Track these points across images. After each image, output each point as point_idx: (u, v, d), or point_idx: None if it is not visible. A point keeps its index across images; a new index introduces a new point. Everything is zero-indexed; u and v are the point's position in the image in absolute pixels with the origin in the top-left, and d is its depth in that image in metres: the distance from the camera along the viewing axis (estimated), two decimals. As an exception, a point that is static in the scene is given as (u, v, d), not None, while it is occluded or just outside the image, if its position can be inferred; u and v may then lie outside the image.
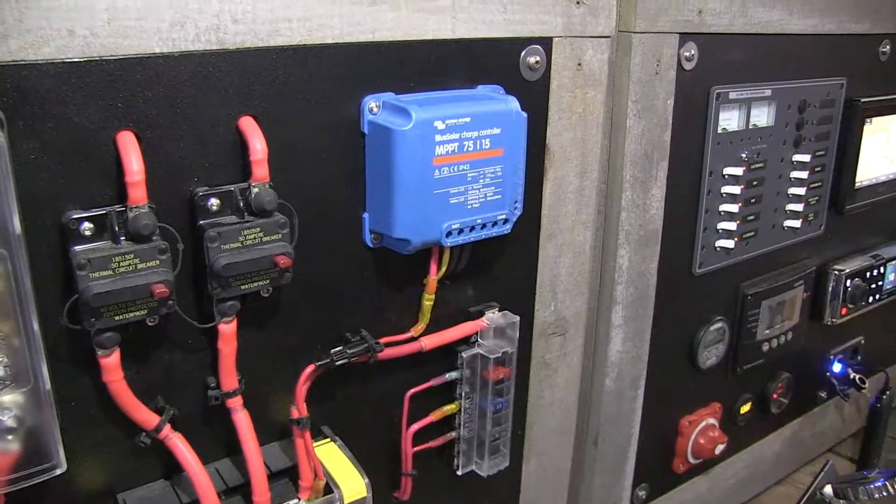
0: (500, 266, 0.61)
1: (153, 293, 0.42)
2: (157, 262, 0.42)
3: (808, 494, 0.84)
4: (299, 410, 0.50)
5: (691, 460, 0.84)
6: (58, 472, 0.41)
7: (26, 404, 0.39)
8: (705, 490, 0.89)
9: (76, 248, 0.41)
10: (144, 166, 0.41)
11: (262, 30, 0.45)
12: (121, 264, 0.41)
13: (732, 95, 0.73)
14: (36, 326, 0.38)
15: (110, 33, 0.40)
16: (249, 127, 0.45)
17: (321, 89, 0.48)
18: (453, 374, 0.59)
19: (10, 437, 0.39)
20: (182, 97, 0.43)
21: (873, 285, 0.95)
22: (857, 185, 0.89)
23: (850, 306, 0.92)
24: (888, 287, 0.97)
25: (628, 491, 0.81)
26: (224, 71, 0.44)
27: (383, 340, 0.54)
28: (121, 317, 0.42)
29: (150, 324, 0.44)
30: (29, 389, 0.39)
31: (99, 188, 0.42)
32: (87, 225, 0.41)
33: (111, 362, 0.43)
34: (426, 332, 0.57)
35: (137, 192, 0.41)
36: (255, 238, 0.45)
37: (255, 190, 0.45)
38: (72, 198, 0.41)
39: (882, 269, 0.95)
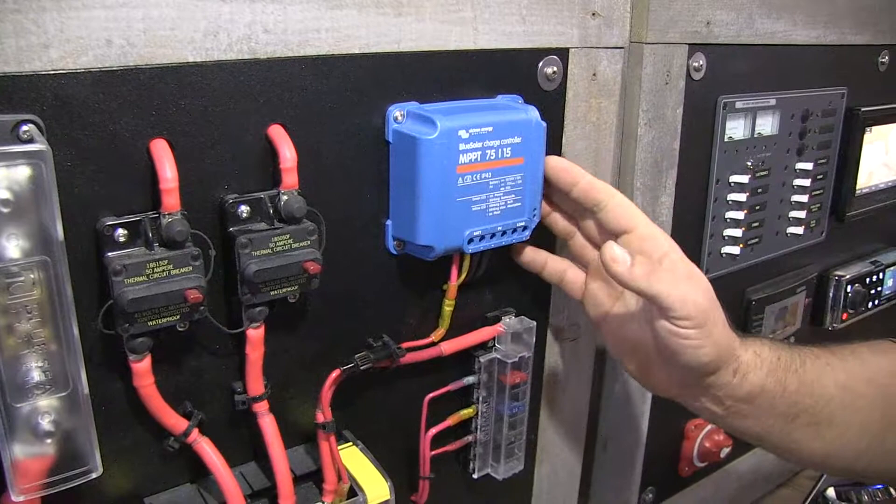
0: (516, 272, 0.62)
1: (187, 299, 0.42)
2: (190, 268, 0.43)
3: (811, 496, 0.85)
4: (324, 415, 0.51)
5: (697, 464, 0.85)
6: (93, 475, 0.41)
7: (64, 408, 0.39)
8: (710, 493, 0.90)
9: (110, 254, 0.42)
10: (178, 173, 0.42)
11: (292, 40, 0.45)
12: (155, 270, 0.42)
13: (739, 105, 0.74)
14: (76, 331, 0.38)
15: (146, 43, 0.41)
16: (279, 135, 0.46)
17: (348, 98, 0.49)
18: (471, 379, 0.60)
19: (48, 440, 0.39)
20: (214, 105, 0.44)
21: (873, 291, 0.97)
22: (857, 192, 0.91)
23: (851, 312, 0.94)
24: (887, 293, 0.99)
25: (636, 494, 0.81)
26: (255, 80, 0.45)
27: (404, 345, 0.55)
28: (154, 322, 0.42)
29: (180, 329, 0.44)
30: (67, 394, 0.39)
31: (132, 195, 0.43)
32: (121, 231, 0.42)
33: (143, 367, 0.44)
34: (445, 338, 0.58)
35: (171, 199, 0.42)
36: (284, 245, 0.46)
37: (285, 197, 0.46)
38: (106, 204, 0.42)
39: (881, 275, 0.97)
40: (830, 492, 0.82)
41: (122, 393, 0.45)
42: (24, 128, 0.38)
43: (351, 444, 0.54)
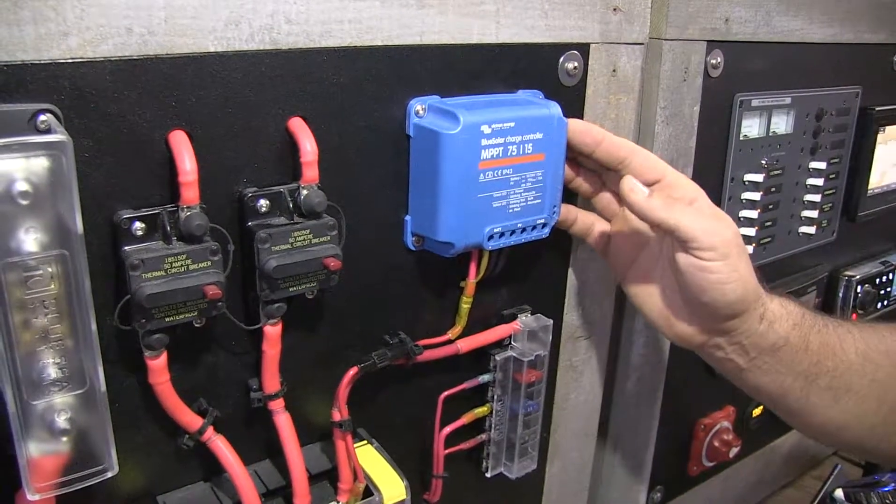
0: (532, 270, 0.61)
1: (206, 294, 0.41)
2: (209, 262, 0.42)
3: (818, 498, 0.85)
4: (341, 413, 0.50)
5: (705, 463, 0.85)
6: (109, 475, 0.40)
7: (80, 406, 0.38)
8: (718, 493, 0.90)
9: (127, 248, 0.41)
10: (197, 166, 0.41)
11: (314, 31, 0.44)
12: (173, 265, 0.41)
13: (755, 103, 0.74)
14: (94, 327, 0.37)
15: (167, 31, 0.40)
16: (300, 128, 0.45)
17: (369, 91, 0.48)
18: (486, 377, 0.59)
19: (63, 439, 0.38)
20: (234, 97, 0.43)
21: (882, 291, 0.96)
22: (869, 192, 0.90)
23: (860, 312, 0.94)
24: (896, 293, 0.99)
25: (644, 493, 0.81)
26: (276, 71, 0.44)
27: (421, 343, 0.54)
28: (171, 318, 0.41)
29: (196, 325, 0.43)
30: (84, 391, 0.38)
31: (150, 187, 0.42)
32: (138, 225, 0.41)
33: (158, 364, 0.43)
34: (462, 335, 0.57)
35: (190, 192, 0.41)
36: (304, 240, 0.45)
37: (305, 192, 0.45)
38: (123, 197, 0.41)
39: (891, 276, 0.97)
40: (839, 493, 0.81)
41: (137, 390, 0.44)
42: (42, 117, 0.36)
43: (366, 442, 0.54)
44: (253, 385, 0.48)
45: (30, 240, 0.35)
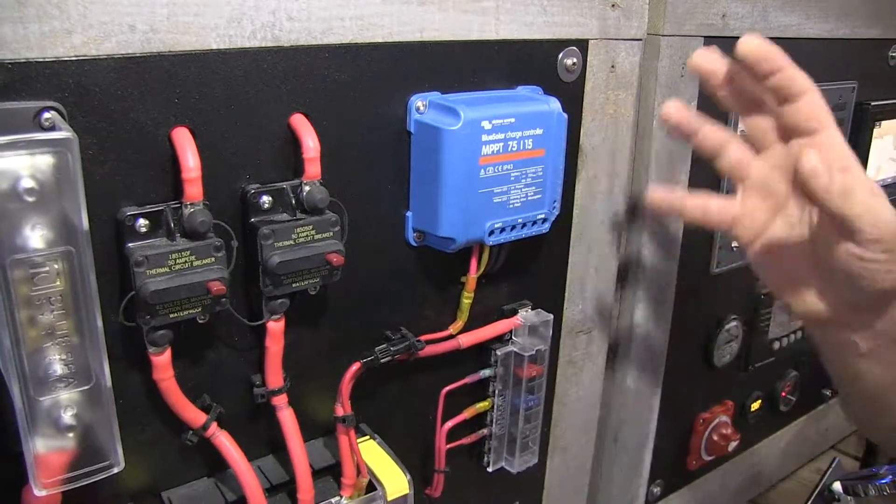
0: (532, 265, 0.62)
1: (210, 290, 0.41)
2: (213, 259, 0.42)
3: (817, 490, 0.85)
4: (344, 408, 0.50)
5: (704, 457, 0.85)
6: (115, 470, 0.40)
7: (86, 402, 0.39)
8: (717, 487, 0.90)
9: (131, 244, 0.41)
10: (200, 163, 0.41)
11: (316, 28, 0.45)
12: (177, 261, 0.41)
13: (752, 98, 0.74)
14: (100, 324, 0.38)
15: (169, 29, 0.40)
16: (302, 125, 0.45)
17: (370, 88, 0.48)
18: (487, 372, 0.60)
19: (69, 434, 0.38)
20: (236, 94, 0.43)
21: (878, 286, 0.97)
22: (865, 187, 0.91)
23: (857, 306, 0.94)
24: (892, 287, 0.99)
25: (644, 487, 0.82)
26: (278, 68, 0.44)
27: (423, 338, 0.54)
28: (175, 314, 0.42)
29: (200, 321, 0.43)
30: (89, 388, 0.38)
31: (154, 184, 0.42)
32: (142, 221, 0.41)
33: (162, 360, 0.43)
34: (463, 330, 0.57)
35: (194, 189, 0.41)
36: (307, 236, 0.45)
37: (307, 188, 0.45)
38: (127, 194, 0.41)
39: (887, 270, 0.97)
40: (837, 485, 0.82)
41: (141, 386, 0.45)
42: (46, 115, 0.37)
43: (368, 437, 0.54)
44: (256, 381, 0.49)
45: (36, 237, 0.35)
